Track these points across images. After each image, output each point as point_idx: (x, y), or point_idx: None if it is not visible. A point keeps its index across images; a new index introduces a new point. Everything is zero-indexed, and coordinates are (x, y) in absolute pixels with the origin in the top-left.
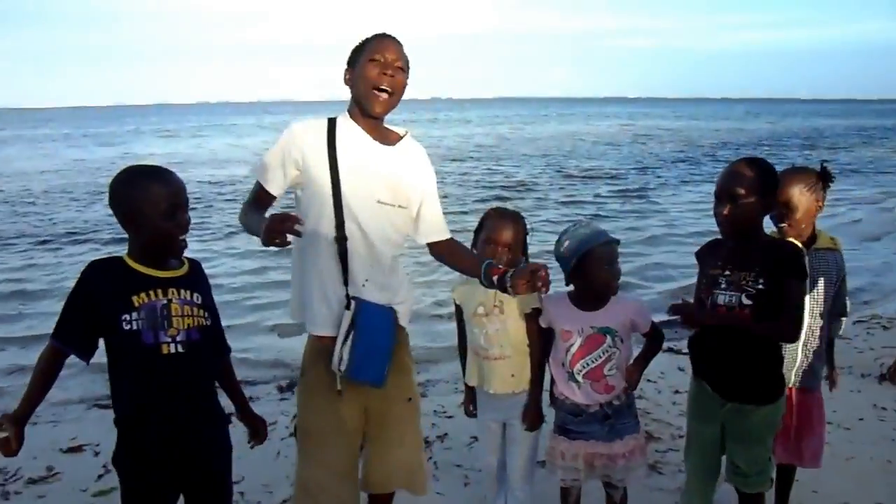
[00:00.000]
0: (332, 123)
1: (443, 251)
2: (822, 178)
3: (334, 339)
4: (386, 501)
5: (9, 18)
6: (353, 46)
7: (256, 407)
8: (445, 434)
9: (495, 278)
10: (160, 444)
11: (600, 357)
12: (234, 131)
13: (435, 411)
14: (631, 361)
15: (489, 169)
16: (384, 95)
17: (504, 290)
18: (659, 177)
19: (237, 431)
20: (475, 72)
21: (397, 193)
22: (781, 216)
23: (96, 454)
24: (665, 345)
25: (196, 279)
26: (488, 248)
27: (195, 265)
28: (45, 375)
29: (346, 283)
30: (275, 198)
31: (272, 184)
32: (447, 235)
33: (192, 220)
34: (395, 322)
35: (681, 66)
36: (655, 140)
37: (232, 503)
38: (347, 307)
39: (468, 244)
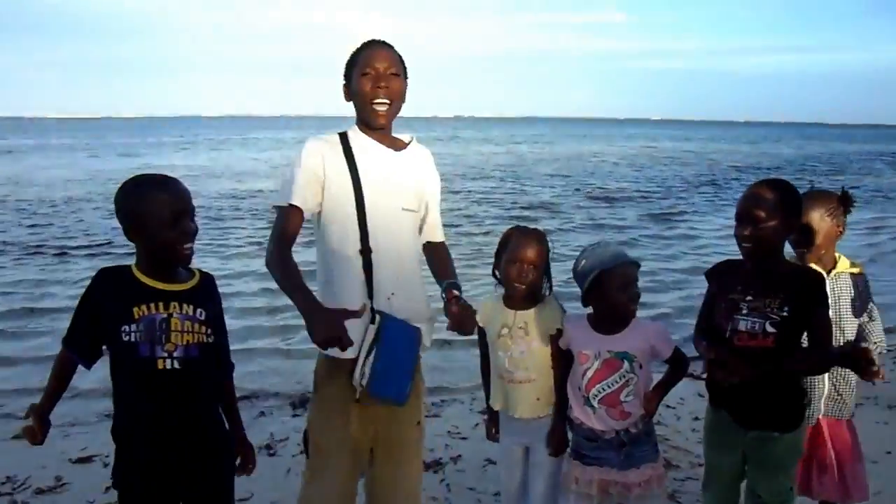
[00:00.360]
0: (344, 137)
1: (429, 253)
2: (843, 203)
3: (347, 360)
4: None
5: (35, 27)
6: (346, 59)
7: (268, 423)
8: (459, 456)
9: (443, 298)
10: (150, 459)
11: (617, 382)
12: (257, 144)
13: (449, 432)
14: (651, 388)
15: (512, 188)
16: (383, 108)
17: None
18: (681, 198)
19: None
20: (499, 91)
21: (417, 199)
22: (800, 241)
23: (105, 465)
24: None
25: (204, 294)
26: (513, 268)
27: (207, 279)
28: (58, 379)
29: (370, 295)
30: (304, 220)
31: (306, 203)
32: (442, 238)
33: (212, 235)
34: (418, 340)
35: (703, 89)
36: (678, 162)
37: None
38: (372, 321)
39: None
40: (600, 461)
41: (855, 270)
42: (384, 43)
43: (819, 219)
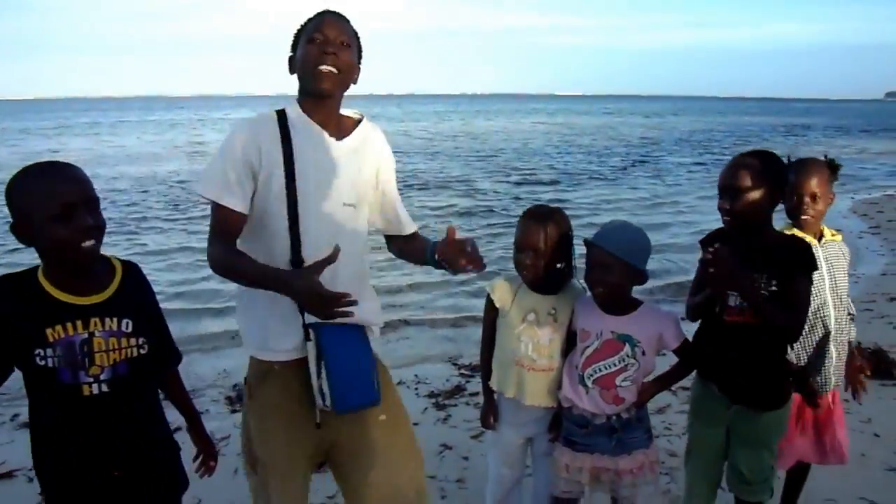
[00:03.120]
0: (282, 116)
1: (401, 243)
2: (833, 170)
3: (281, 363)
4: None
5: None
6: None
7: (206, 421)
8: None
9: (438, 258)
10: (92, 489)
11: (615, 365)
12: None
13: None
14: (650, 377)
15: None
16: (328, 69)
17: (442, 266)
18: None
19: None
20: (395, 68)
21: (361, 192)
22: (801, 207)
23: (30, 480)
24: None
25: (128, 298)
26: (517, 255)
27: (129, 273)
28: None
29: (301, 311)
30: (246, 217)
31: (239, 200)
32: (414, 229)
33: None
34: (364, 334)
35: (604, 64)
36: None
37: None
38: (308, 337)
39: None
40: (591, 448)
41: (838, 238)
42: (338, 13)
43: (823, 184)
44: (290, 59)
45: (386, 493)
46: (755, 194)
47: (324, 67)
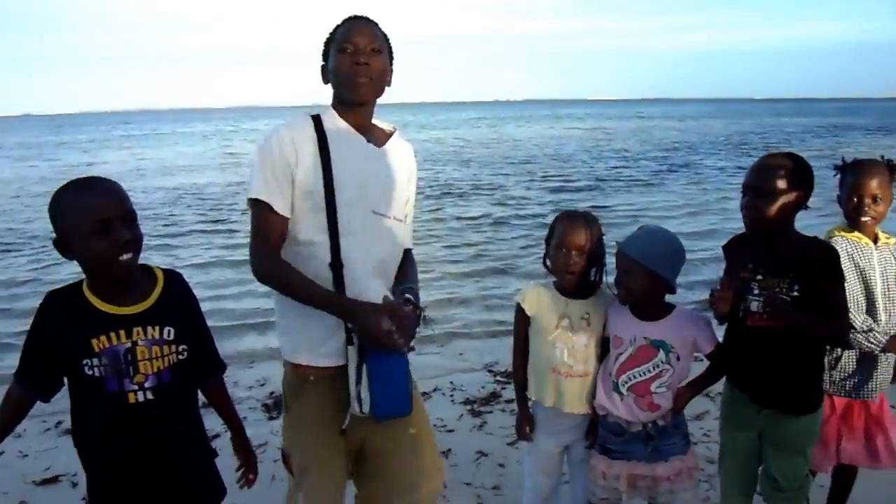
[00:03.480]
0: (317, 122)
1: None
2: (892, 172)
3: (318, 368)
4: None
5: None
6: (325, 38)
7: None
8: (449, 450)
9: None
10: (138, 495)
11: (650, 371)
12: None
13: (434, 426)
14: (685, 382)
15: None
16: (363, 79)
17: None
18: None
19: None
20: (428, 76)
21: (397, 200)
22: (861, 209)
23: (74, 485)
24: None
25: (169, 306)
26: (560, 254)
27: (172, 282)
28: (12, 417)
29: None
30: (288, 221)
31: (283, 202)
32: (410, 245)
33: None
34: None
35: (634, 68)
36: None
37: None
38: (350, 342)
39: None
40: (627, 455)
41: (892, 242)
42: (366, 18)
43: (886, 185)
44: (323, 69)
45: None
46: (785, 196)
47: (358, 78)
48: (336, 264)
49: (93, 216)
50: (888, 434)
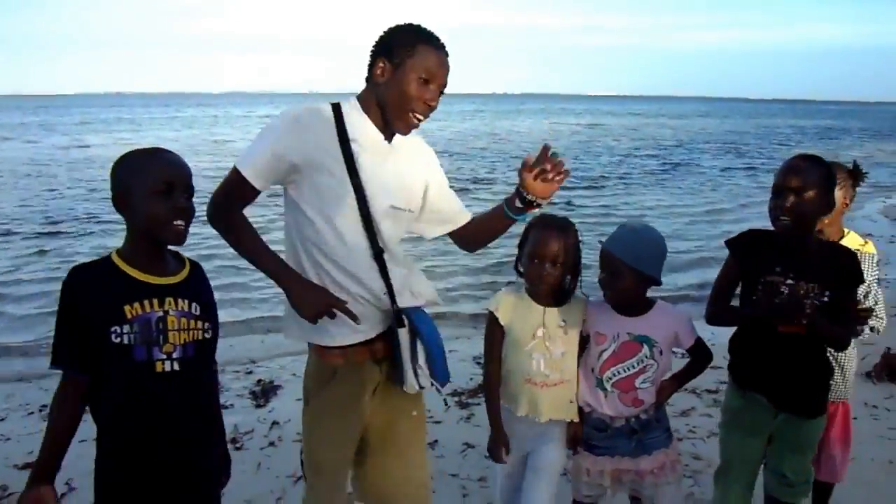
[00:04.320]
0: (337, 112)
1: (470, 230)
2: (854, 176)
3: (346, 353)
4: None
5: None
6: (394, 28)
7: (229, 415)
8: (436, 441)
9: (518, 203)
10: (151, 467)
11: (633, 367)
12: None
13: None
14: (668, 377)
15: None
16: (417, 121)
17: (530, 204)
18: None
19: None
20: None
21: (409, 196)
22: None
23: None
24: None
25: (197, 286)
26: (533, 265)
27: (196, 268)
28: (69, 417)
29: (393, 299)
30: (258, 193)
31: (261, 180)
32: (470, 215)
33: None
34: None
35: (632, 64)
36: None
37: None
38: (401, 324)
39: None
40: (611, 450)
41: (862, 247)
42: (446, 50)
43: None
44: (383, 67)
45: (398, 484)
46: (814, 196)
47: (420, 118)
48: (377, 252)
49: (159, 177)
50: (832, 446)
